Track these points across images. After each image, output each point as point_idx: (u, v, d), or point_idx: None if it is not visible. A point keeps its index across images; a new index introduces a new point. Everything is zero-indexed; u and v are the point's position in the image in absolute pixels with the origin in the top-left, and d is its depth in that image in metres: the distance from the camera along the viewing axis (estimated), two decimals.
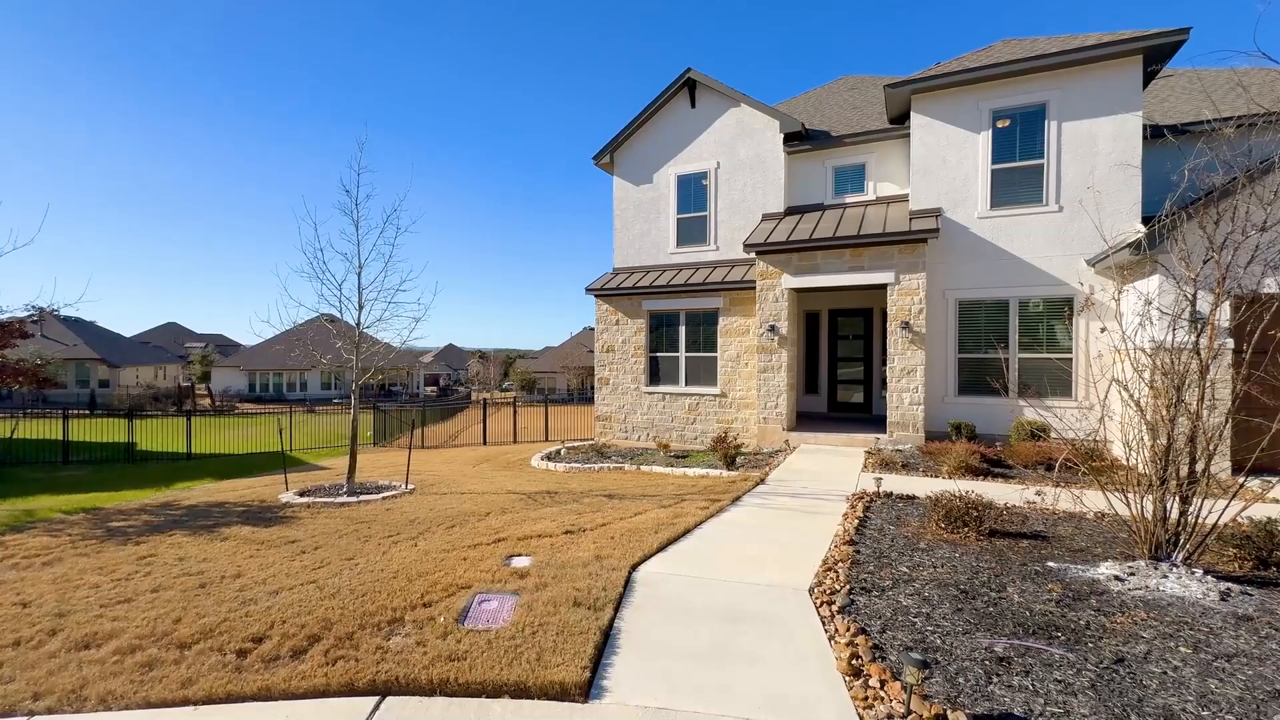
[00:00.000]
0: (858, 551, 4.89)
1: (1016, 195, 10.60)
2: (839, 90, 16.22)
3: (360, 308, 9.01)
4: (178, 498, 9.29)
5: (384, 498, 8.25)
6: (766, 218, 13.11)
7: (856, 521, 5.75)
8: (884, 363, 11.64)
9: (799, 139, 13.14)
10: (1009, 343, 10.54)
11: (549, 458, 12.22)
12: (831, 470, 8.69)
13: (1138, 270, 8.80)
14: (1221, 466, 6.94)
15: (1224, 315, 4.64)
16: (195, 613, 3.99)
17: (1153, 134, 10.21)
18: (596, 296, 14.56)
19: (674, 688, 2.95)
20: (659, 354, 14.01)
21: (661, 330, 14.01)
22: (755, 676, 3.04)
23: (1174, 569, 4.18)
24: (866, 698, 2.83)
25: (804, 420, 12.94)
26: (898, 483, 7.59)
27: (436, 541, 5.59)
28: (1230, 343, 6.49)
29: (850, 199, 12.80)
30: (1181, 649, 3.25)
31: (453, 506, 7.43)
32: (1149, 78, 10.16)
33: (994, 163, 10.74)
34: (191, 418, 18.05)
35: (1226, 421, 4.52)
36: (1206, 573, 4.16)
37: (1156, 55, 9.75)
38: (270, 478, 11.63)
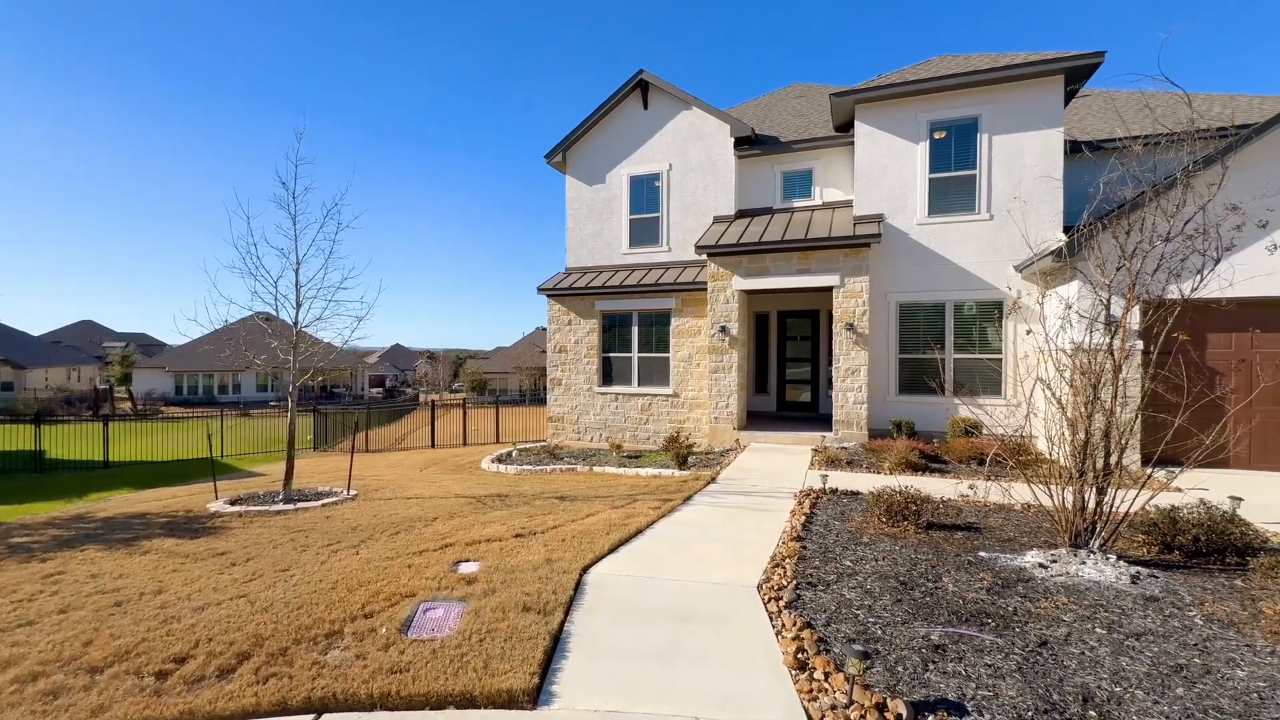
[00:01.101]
0: (804, 547, 5.02)
1: (952, 203, 11.14)
2: (788, 97, 16.62)
3: (298, 306, 8.59)
4: (92, 509, 8.60)
5: (324, 504, 7.89)
6: (718, 220, 13.30)
7: (803, 518, 5.89)
8: (830, 363, 11.99)
9: (749, 143, 13.39)
10: (945, 344, 11.06)
11: (500, 460, 12.00)
12: (780, 468, 8.89)
13: (1059, 276, 9.40)
14: (1132, 459, 7.49)
15: (1134, 319, 5.01)
16: (109, 634, 3.70)
17: (1072, 149, 10.93)
18: (549, 296, 14.41)
19: (624, 689, 2.94)
20: (612, 354, 13.98)
21: (614, 330, 13.99)
22: (705, 675, 3.07)
23: (1091, 555, 4.48)
24: (812, 690, 2.90)
25: (754, 419, 13.19)
26: (843, 479, 7.84)
27: (380, 549, 5.39)
28: (1140, 344, 7.01)
29: (798, 203, 13.14)
30: (1097, 630, 3.49)
31: (398, 512, 7.18)
32: (1069, 96, 10.86)
33: (931, 172, 11.24)
34: (109, 423, 16.76)
35: (1137, 417, 4.88)
36: (1119, 558, 4.48)
37: (1076, 75, 10.44)
38: (198, 486, 10.94)
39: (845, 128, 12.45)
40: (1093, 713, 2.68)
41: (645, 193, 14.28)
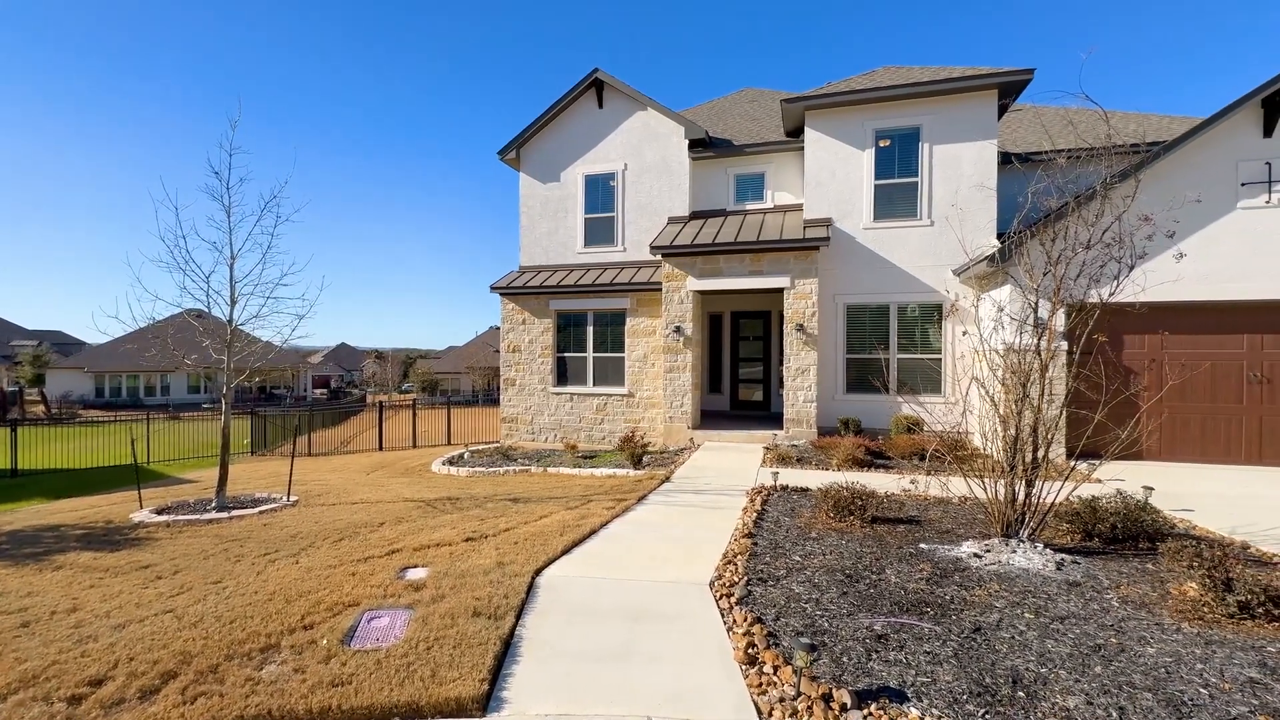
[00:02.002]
0: (755, 544, 5.11)
1: (896, 209, 11.58)
2: (740, 101, 16.90)
3: (233, 303, 8.15)
4: None
5: (261, 512, 7.51)
6: (672, 221, 13.40)
7: (755, 515, 6.01)
8: (781, 363, 12.27)
9: (703, 145, 13.54)
10: (889, 344, 11.49)
11: (451, 462, 11.72)
12: (733, 466, 9.03)
13: (993, 280, 9.92)
14: (1058, 453, 7.98)
15: (1060, 321, 5.34)
16: (14, 657, 3.41)
17: (1004, 160, 11.55)
18: (502, 295, 14.18)
19: (576, 692, 2.92)
20: (567, 354, 13.88)
21: (569, 330, 13.89)
22: (657, 673, 3.08)
23: (1021, 545, 4.75)
24: (761, 684, 2.96)
25: (708, 418, 13.35)
26: (793, 476, 8.03)
27: (321, 557, 5.17)
28: (1065, 345, 7.46)
29: (751, 206, 13.39)
30: (1026, 615, 3.69)
31: (342, 518, 6.91)
32: (1002, 110, 11.48)
33: (877, 178, 11.66)
34: (18, 428, 15.45)
35: (1061, 413, 5.20)
36: (1046, 546, 4.76)
37: (1008, 90, 11.04)
38: (121, 494, 10.22)
39: (796, 133, 12.76)
40: (1021, 693, 2.84)
41: (600, 192, 14.24)
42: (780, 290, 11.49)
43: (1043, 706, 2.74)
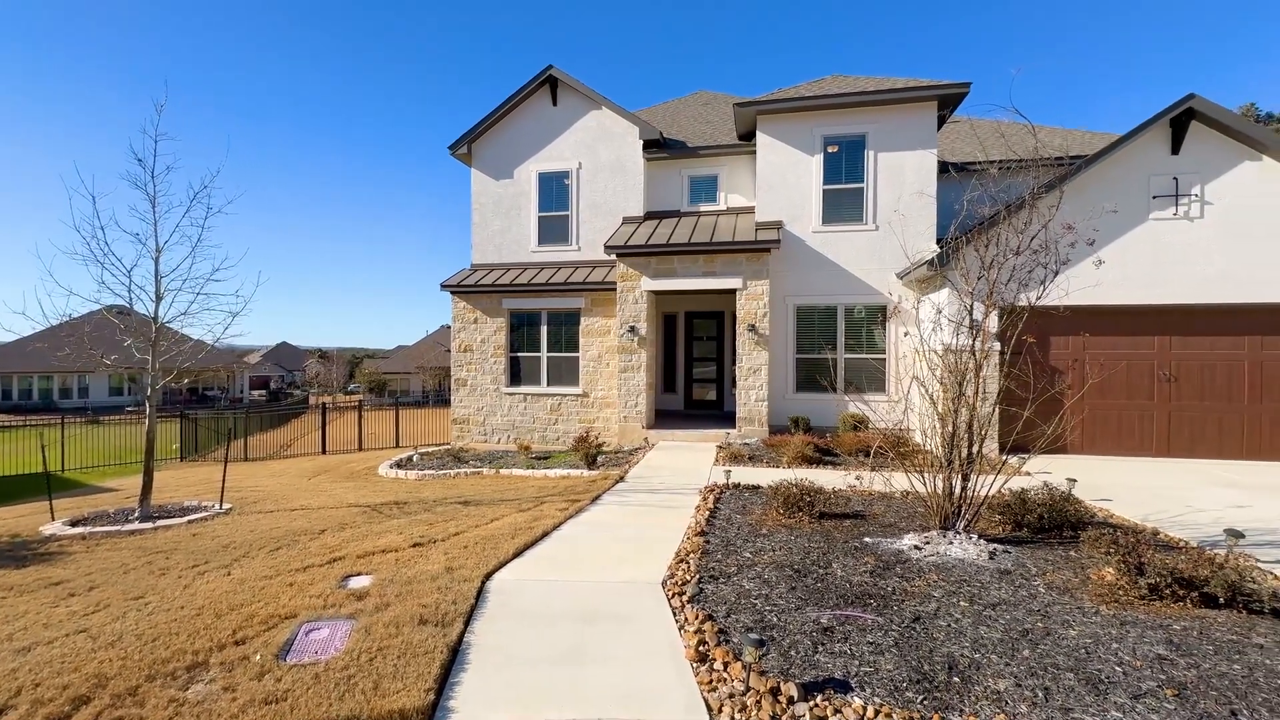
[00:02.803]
0: (708, 542, 5.17)
1: (843, 214, 11.95)
2: (694, 104, 17.07)
3: (158, 299, 7.65)
4: None
5: (190, 521, 7.09)
6: (627, 221, 13.40)
7: (707, 513, 6.07)
8: (734, 362, 12.45)
9: (657, 146, 13.61)
10: (837, 344, 11.84)
11: (400, 465, 11.37)
12: (687, 465, 9.11)
13: (932, 283, 10.37)
14: (991, 448, 8.42)
15: (993, 323, 5.61)
16: None
17: (943, 169, 12.09)
18: (453, 293, 13.84)
19: (526, 697, 2.88)
20: (520, 354, 13.68)
21: (523, 330, 13.70)
22: (609, 675, 3.07)
23: (958, 536, 4.97)
24: (711, 681, 2.98)
25: (662, 418, 13.43)
26: (745, 474, 8.16)
27: (256, 567, 4.92)
28: (998, 345, 7.86)
29: (705, 207, 13.54)
30: (962, 603, 3.87)
31: (280, 525, 6.59)
32: (941, 121, 12.01)
33: (825, 183, 12.00)
34: None
35: (994, 410, 5.48)
36: (980, 537, 5.00)
37: (947, 102, 11.57)
38: (29, 506, 9.44)
39: (748, 137, 12.99)
40: (956, 679, 2.97)
41: (554, 190, 14.10)
42: (733, 291, 11.67)
43: (976, 690, 2.87)
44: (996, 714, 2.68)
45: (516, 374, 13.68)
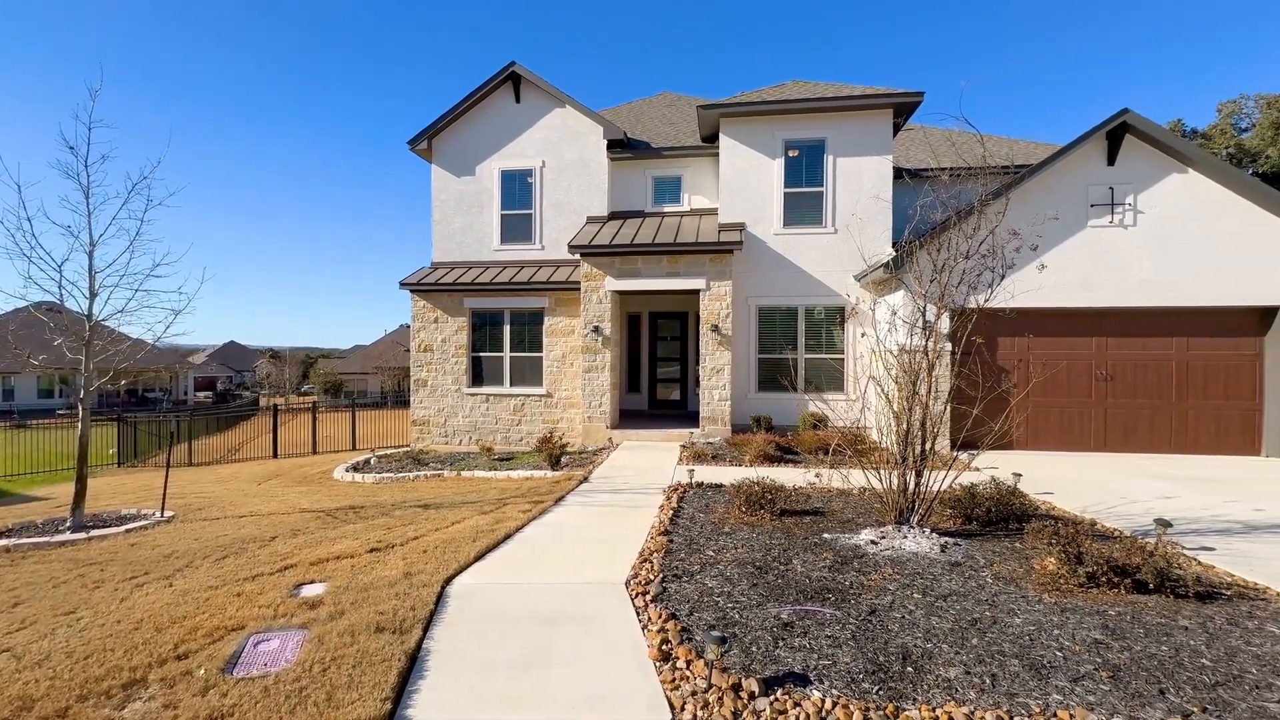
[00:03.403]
0: (671, 541, 5.19)
1: (804, 216, 12.20)
2: (659, 105, 17.14)
3: (92, 295, 7.22)
4: None
5: (128, 530, 6.71)
6: (591, 220, 13.36)
7: (671, 512, 6.10)
8: (698, 362, 12.56)
9: (622, 146, 13.60)
10: (798, 345, 12.08)
11: (356, 468, 11.04)
12: (651, 465, 9.13)
13: (888, 286, 10.69)
14: (943, 445, 8.70)
15: (945, 324, 5.81)
16: None
17: (898, 175, 12.48)
18: (413, 292, 13.53)
19: (487, 703, 2.83)
20: (482, 354, 13.47)
21: (485, 329, 13.49)
22: (572, 677, 3.05)
23: (911, 530, 5.14)
24: (674, 679, 3.00)
25: (626, 418, 13.43)
26: (708, 473, 8.24)
27: (200, 578, 4.69)
28: (949, 346, 8.16)
29: (669, 208, 13.61)
30: (915, 595, 4.00)
31: (227, 533, 6.31)
32: (897, 128, 12.39)
33: (786, 186, 12.22)
34: None
35: (946, 408, 5.68)
36: (933, 530, 5.18)
37: (901, 110, 11.94)
38: None
39: (711, 139, 13.11)
40: (910, 668, 3.07)
41: (518, 188, 13.94)
42: (697, 291, 11.77)
43: (928, 679, 2.97)
44: (947, 701, 2.78)
45: (478, 374, 13.46)
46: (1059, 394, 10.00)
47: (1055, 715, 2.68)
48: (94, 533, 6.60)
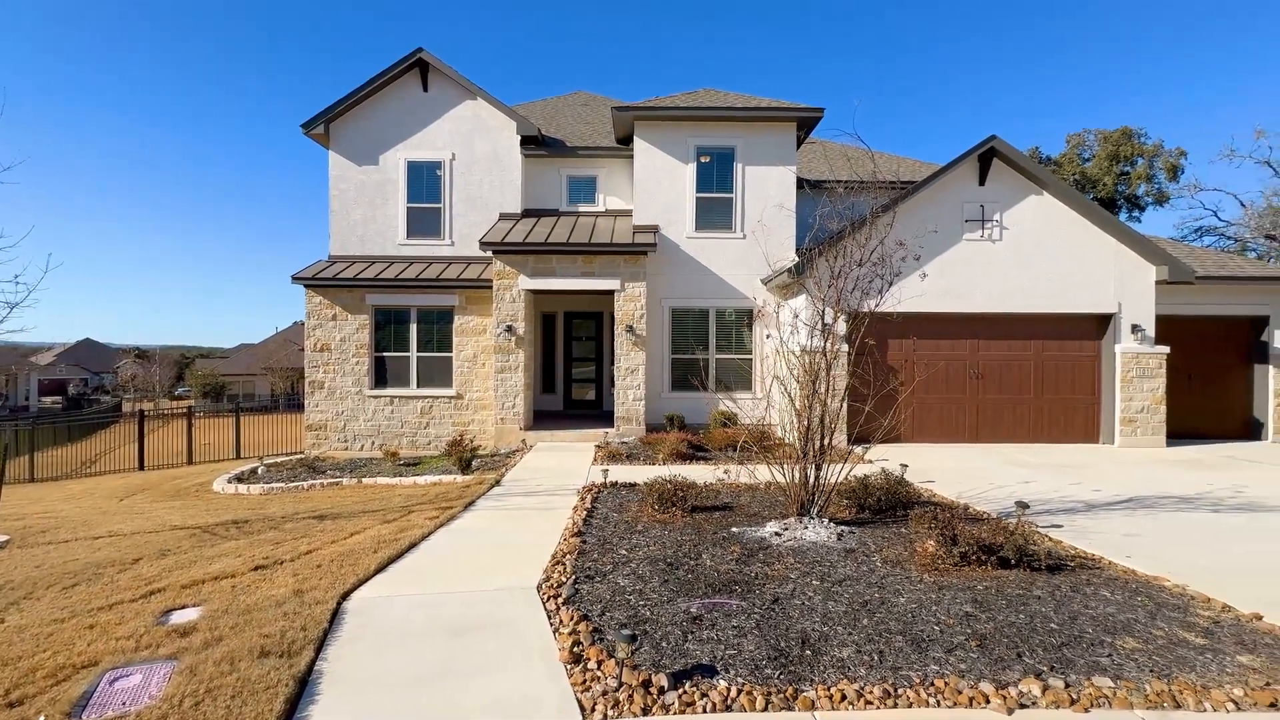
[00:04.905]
0: (584, 542, 5.18)
1: (714, 221, 12.59)
2: (574, 104, 17.04)
3: None
4: None
5: None
6: (504, 217, 13.04)
7: (585, 513, 6.09)
8: (613, 362, 12.62)
9: (536, 143, 13.40)
10: (709, 345, 12.46)
11: (241, 479, 10.12)
12: (565, 466, 9.06)
13: (792, 290, 11.28)
14: (840, 440, 9.28)
15: (841, 327, 6.21)
16: None
17: (800, 185, 13.19)
18: (307, 287, 12.56)
19: None
20: (386, 354, 12.76)
21: (390, 328, 12.79)
22: (479, 688, 2.96)
23: (812, 521, 5.45)
24: (585, 681, 2.99)
25: (541, 418, 13.24)
26: (623, 472, 8.29)
27: (43, 610, 4.10)
28: (846, 347, 8.74)
29: (584, 208, 13.57)
30: (814, 582, 4.24)
31: (78, 557, 5.56)
32: (800, 141, 13.11)
33: (698, 191, 12.57)
34: None
35: (842, 405, 6.08)
36: (831, 520, 5.52)
37: (804, 124, 12.64)
38: None
39: (626, 141, 13.22)
40: (808, 651, 3.26)
41: (426, 181, 13.35)
42: (611, 292, 11.82)
43: (824, 660, 3.17)
44: (840, 679, 2.97)
45: (382, 375, 12.74)
46: (940, 391, 10.99)
47: (933, 684, 2.94)
48: None
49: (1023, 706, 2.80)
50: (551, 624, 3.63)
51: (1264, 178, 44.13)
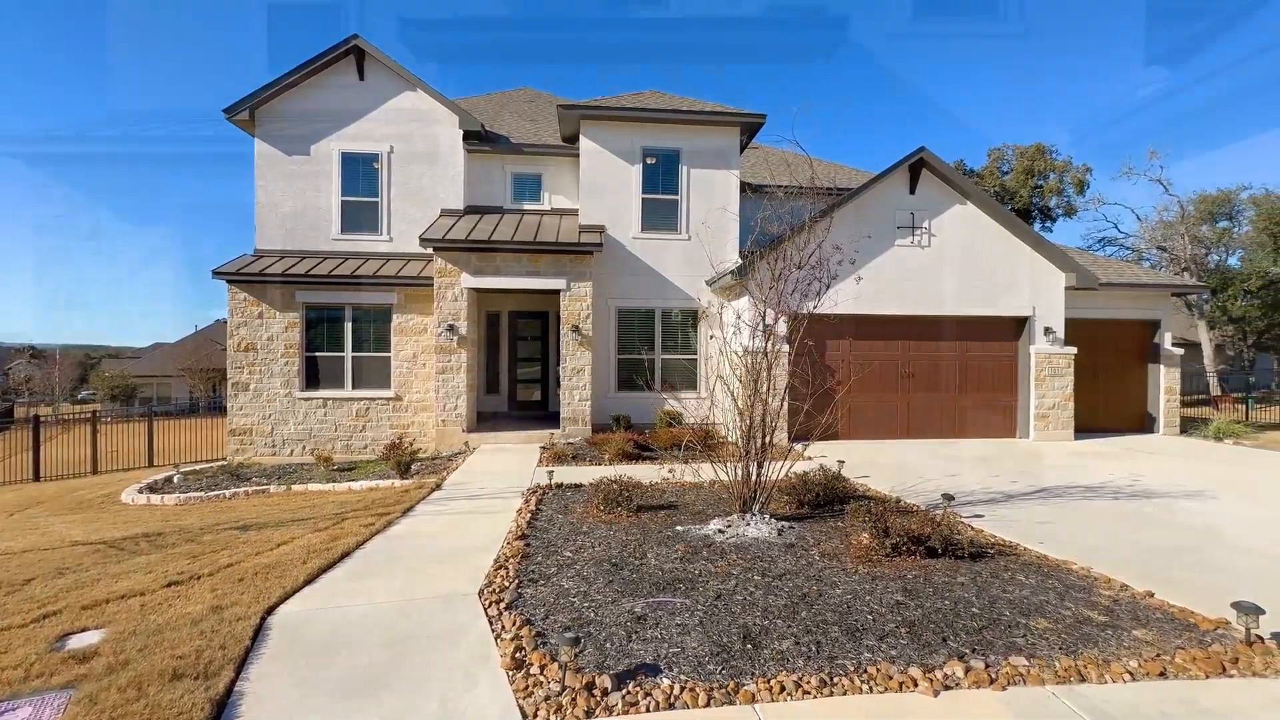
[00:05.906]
0: (528, 545, 5.10)
1: (661, 222, 12.68)
2: (519, 100, 16.76)
3: None
4: None
5: None
6: (446, 213, 12.68)
7: (529, 515, 5.99)
8: (559, 363, 12.49)
9: (479, 139, 13.09)
10: (655, 345, 12.53)
11: (153, 488, 9.39)
12: (510, 468, 8.89)
13: (734, 291, 11.51)
14: (781, 437, 9.52)
15: (782, 328, 6.38)
16: None
17: (744, 189, 13.48)
18: (230, 283, 11.79)
19: None
20: (319, 353, 12.15)
21: (322, 326, 12.19)
22: (417, 702, 2.86)
23: (754, 517, 5.57)
24: (527, 686, 2.94)
25: (485, 420, 12.95)
26: (568, 473, 8.21)
27: None
28: (786, 348, 8.99)
29: (529, 206, 13.37)
30: (755, 578, 4.34)
31: None
32: (744, 145, 13.39)
33: (644, 192, 12.62)
34: None
35: (783, 404, 6.24)
36: (772, 516, 5.66)
37: (747, 129, 12.91)
38: None
39: (572, 139, 13.11)
40: (750, 646, 3.32)
41: (362, 173, 12.80)
42: (557, 292, 11.69)
43: (765, 653, 3.24)
44: (780, 671, 3.05)
45: (314, 376, 12.12)
46: (874, 390, 11.48)
47: (866, 671, 3.06)
48: None
49: (947, 688, 2.96)
50: (494, 630, 3.55)
51: (1156, 194, 48.67)
